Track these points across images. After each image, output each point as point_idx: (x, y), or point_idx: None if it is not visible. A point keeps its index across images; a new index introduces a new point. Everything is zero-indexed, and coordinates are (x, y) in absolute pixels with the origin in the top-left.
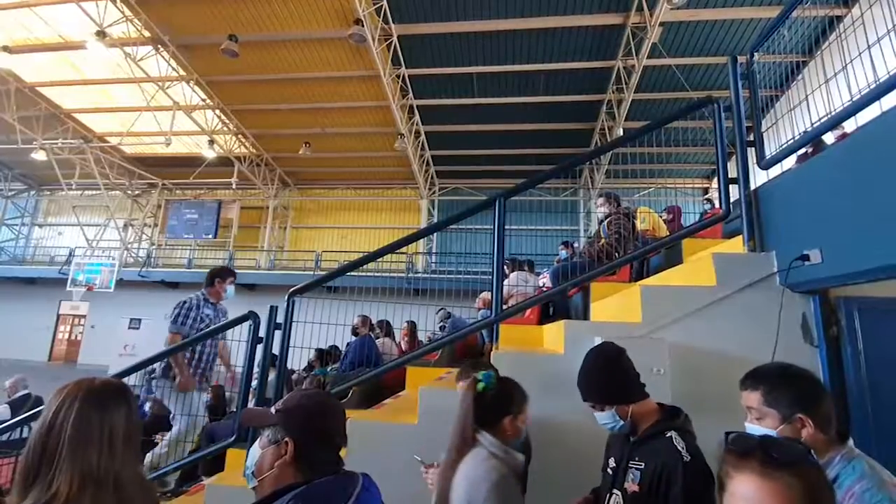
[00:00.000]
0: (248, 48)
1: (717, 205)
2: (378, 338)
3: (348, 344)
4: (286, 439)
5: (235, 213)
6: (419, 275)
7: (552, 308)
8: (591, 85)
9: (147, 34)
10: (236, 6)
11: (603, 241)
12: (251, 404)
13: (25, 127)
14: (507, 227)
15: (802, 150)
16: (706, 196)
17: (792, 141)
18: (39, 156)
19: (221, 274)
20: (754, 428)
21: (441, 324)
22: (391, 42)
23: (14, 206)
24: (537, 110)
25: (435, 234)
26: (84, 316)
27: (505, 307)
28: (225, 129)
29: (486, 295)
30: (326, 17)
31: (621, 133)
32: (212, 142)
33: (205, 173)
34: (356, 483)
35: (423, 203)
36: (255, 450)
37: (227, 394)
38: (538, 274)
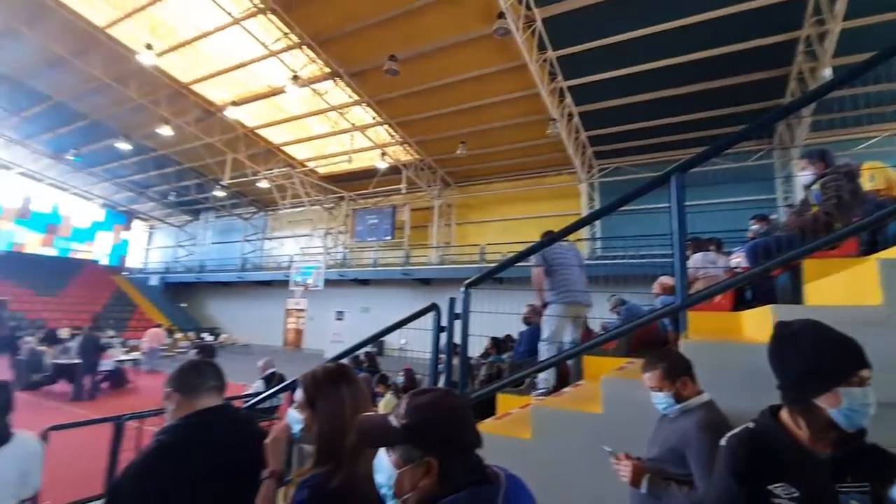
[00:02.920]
0: (405, 64)
1: None
2: None
3: (521, 333)
4: (427, 458)
5: (407, 215)
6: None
7: (751, 291)
8: (778, 22)
9: (327, 70)
10: (393, 27)
11: (815, 208)
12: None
13: (252, 162)
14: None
15: None
16: None
17: None
18: (263, 184)
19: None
20: None
21: (614, 309)
22: (535, 28)
23: (251, 225)
24: (707, 66)
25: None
26: (304, 310)
27: (689, 292)
28: (393, 140)
29: (664, 279)
30: (471, 19)
31: (829, 74)
32: (383, 154)
33: (380, 182)
34: (499, 489)
35: (582, 187)
36: (386, 465)
37: (418, 375)
38: (728, 253)
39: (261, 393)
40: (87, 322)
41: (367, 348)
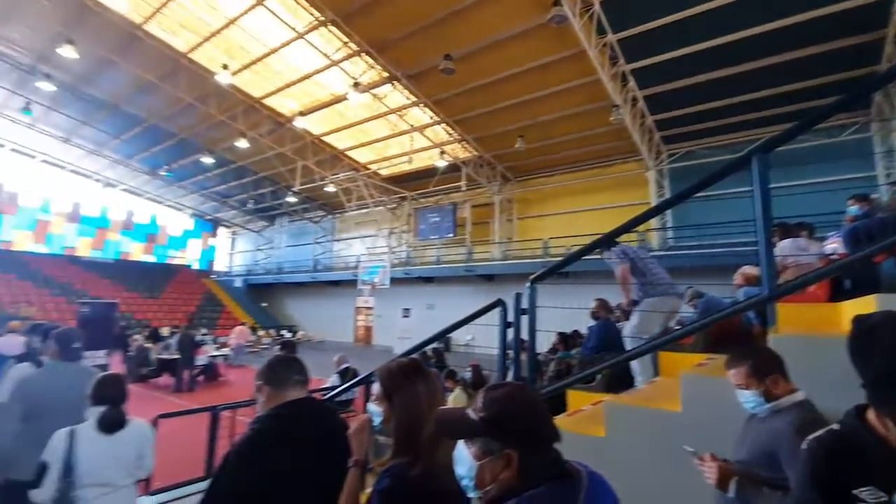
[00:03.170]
0: (460, 62)
1: None
2: (619, 321)
3: (589, 328)
4: (506, 451)
5: (468, 212)
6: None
7: (850, 280)
8: None
9: (385, 74)
10: (446, 27)
11: None
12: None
13: (319, 168)
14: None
15: None
16: None
17: None
18: (330, 188)
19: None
20: None
21: (690, 302)
22: (592, 11)
23: (320, 228)
24: (787, 36)
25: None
26: (371, 308)
27: (777, 282)
28: (451, 138)
29: (747, 269)
30: (525, 10)
31: None
32: (442, 153)
33: (440, 181)
34: (580, 486)
35: (650, 175)
36: (466, 457)
37: (485, 371)
38: (821, 239)
39: (337, 387)
40: (184, 321)
41: (434, 344)
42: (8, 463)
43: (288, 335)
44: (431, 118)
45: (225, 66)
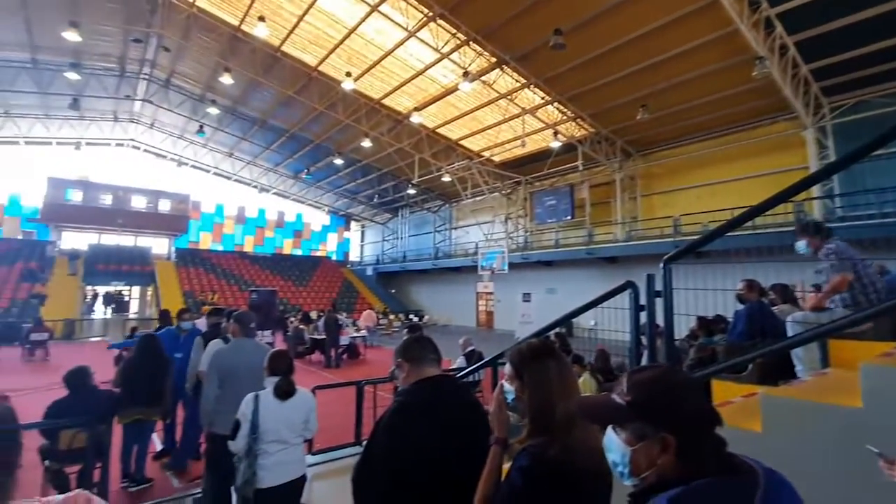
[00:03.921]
0: (570, 36)
1: None
2: (774, 304)
3: (736, 312)
4: (661, 435)
5: (586, 193)
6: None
7: None
8: None
9: (493, 60)
10: (552, 1)
11: None
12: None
13: (435, 159)
14: None
15: None
16: None
17: None
18: (446, 178)
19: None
20: None
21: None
22: None
23: (439, 217)
24: None
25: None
26: (492, 293)
27: None
28: (564, 117)
29: None
30: None
31: None
32: (556, 133)
33: (555, 162)
34: (756, 485)
35: (807, 134)
36: (617, 444)
37: (616, 358)
38: None
39: (464, 368)
40: (328, 306)
41: (557, 329)
42: (211, 419)
43: (416, 319)
44: (542, 98)
45: (348, 74)
